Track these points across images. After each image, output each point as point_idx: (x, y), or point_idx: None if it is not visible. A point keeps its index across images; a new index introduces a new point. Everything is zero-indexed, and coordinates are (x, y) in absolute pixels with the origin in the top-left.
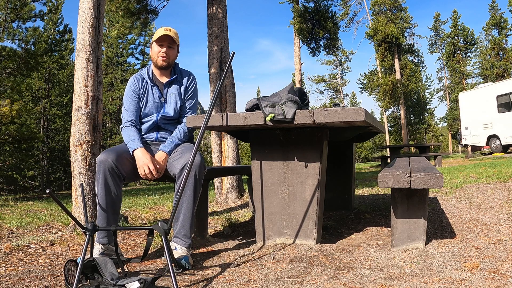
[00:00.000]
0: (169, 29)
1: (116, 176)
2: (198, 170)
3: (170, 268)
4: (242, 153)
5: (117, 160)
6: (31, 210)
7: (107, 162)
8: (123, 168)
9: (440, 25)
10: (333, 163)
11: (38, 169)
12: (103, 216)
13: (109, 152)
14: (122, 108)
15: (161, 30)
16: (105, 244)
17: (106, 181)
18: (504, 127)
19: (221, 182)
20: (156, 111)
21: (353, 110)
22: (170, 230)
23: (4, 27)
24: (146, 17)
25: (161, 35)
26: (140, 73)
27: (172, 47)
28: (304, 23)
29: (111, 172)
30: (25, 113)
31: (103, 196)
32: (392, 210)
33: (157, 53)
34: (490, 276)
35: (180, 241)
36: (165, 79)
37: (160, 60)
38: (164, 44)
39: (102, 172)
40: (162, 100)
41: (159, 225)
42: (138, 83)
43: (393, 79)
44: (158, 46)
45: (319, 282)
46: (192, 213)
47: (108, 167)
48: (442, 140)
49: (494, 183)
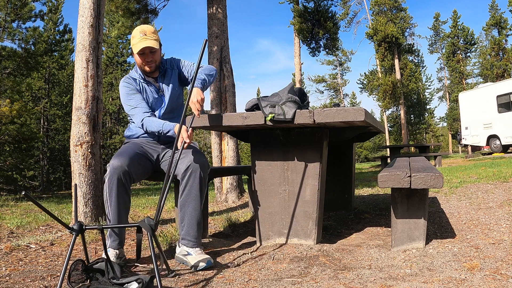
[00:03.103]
0: (145, 31)
1: (129, 181)
2: (203, 170)
3: (155, 266)
4: (242, 153)
5: (129, 165)
6: (31, 210)
7: (121, 168)
8: (135, 171)
9: (440, 25)
10: (333, 163)
11: (38, 169)
12: (117, 221)
13: (122, 157)
14: (128, 110)
15: (137, 36)
16: (117, 249)
17: (119, 187)
18: (504, 127)
19: (221, 182)
20: (157, 108)
21: (353, 110)
22: (157, 226)
23: (4, 27)
24: (146, 17)
25: (141, 48)
26: (130, 75)
27: (154, 51)
28: (304, 23)
29: (125, 178)
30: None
31: (117, 202)
32: (392, 210)
33: (141, 63)
34: (490, 276)
35: (189, 243)
36: (155, 74)
37: (147, 67)
38: (146, 53)
39: (117, 178)
40: (161, 93)
41: (145, 221)
42: (132, 83)
43: (393, 79)
44: (140, 56)
45: (319, 282)
46: (199, 213)
47: (122, 172)
48: (442, 140)
49: (494, 183)
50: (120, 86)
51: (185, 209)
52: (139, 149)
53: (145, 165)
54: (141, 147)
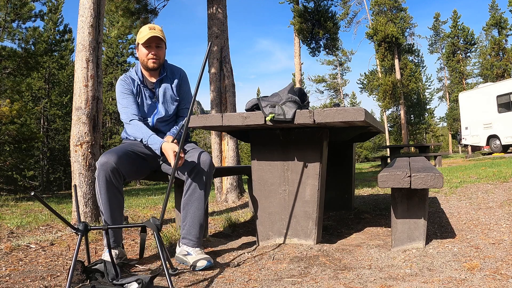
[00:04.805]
0: (154, 27)
1: (118, 178)
2: (208, 169)
3: (164, 266)
4: (242, 153)
5: (117, 161)
6: (31, 210)
7: (108, 164)
8: (124, 169)
9: (440, 25)
10: (333, 163)
11: (38, 169)
12: (110, 218)
13: (109, 154)
14: (120, 109)
15: (145, 30)
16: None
17: (108, 184)
18: (504, 127)
19: (221, 182)
20: (150, 114)
21: (353, 110)
22: (162, 225)
23: (4, 27)
24: (146, 17)
25: (148, 37)
26: (129, 74)
27: (160, 46)
28: (304, 23)
29: (113, 174)
30: (25, 113)
31: (107, 199)
32: (392, 210)
33: (145, 56)
34: (490, 276)
35: (190, 242)
36: (154, 79)
37: (150, 62)
38: (152, 45)
39: (103, 175)
40: (155, 100)
41: (150, 221)
42: (129, 84)
43: (393, 79)
44: (146, 48)
45: (319, 282)
46: (202, 213)
47: (109, 169)
48: (442, 140)
49: (494, 183)
50: (117, 83)
51: (188, 208)
52: (131, 148)
53: (139, 164)
54: (135, 146)
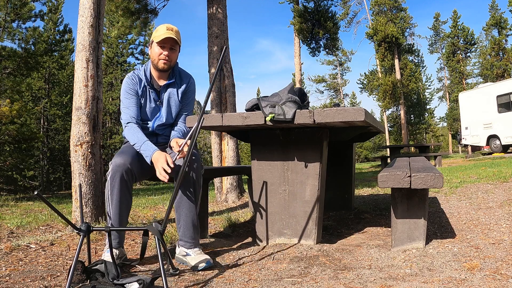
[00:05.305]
0: (171, 28)
1: (131, 179)
2: (195, 172)
3: (161, 269)
4: (242, 153)
5: (131, 163)
6: (31, 210)
7: (124, 166)
8: (136, 170)
9: (440, 25)
10: (333, 163)
11: (38, 169)
12: (118, 219)
13: (124, 156)
14: (121, 108)
15: (162, 29)
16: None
17: (123, 185)
18: (504, 127)
19: (221, 182)
20: (153, 117)
21: (353, 110)
22: (165, 230)
23: (4, 27)
24: (146, 17)
25: (164, 37)
26: (137, 73)
27: (174, 48)
28: (304, 23)
29: (127, 175)
30: (25, 113)
31: (119, 200)
32: (392, 210)
33: (158, 55)
34: (490, 276)
35: (186, 244)
36: (163, 81)
37: (161, 63)
38: (166, 46)
39: (119, 176)
40: (159, 103)
41: (153, 225)
42: (135, 83)
43: (393, 79)
44: (160, 47)
45: (319, 282)
46: (195, 214)
47: (125, 171)
48: (442, 140)
49: (494, 183)
50: (124, 80)
51: (180, 211)
52: None
53: (146, 165)
54: None
